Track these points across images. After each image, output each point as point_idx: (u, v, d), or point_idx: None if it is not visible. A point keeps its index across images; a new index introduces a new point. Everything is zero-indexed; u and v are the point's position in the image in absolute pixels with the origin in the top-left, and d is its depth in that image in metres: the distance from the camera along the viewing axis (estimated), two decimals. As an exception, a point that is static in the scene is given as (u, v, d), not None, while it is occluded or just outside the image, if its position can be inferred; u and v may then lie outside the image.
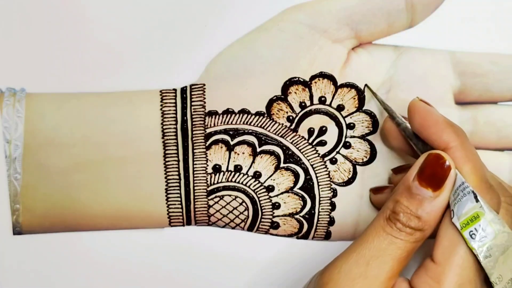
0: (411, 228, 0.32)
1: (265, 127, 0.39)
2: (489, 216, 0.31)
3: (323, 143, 0.40)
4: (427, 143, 0.34)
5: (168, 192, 0.39)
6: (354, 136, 0.40)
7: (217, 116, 0.39)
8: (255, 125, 0.39)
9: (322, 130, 0.40)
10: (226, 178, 0.39)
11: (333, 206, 0.40)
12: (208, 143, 0.39)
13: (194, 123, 0.39)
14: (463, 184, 0.32)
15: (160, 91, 0.39)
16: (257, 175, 0.40)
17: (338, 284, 0.32)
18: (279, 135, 0.39)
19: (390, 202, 0.33)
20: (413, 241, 0.32)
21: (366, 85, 0.39)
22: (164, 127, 0.39)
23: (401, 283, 0.32)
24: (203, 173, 0.39)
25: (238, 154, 0.39)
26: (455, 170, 0.32)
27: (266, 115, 0.39)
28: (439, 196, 0.32)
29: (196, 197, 0.39)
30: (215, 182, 0.39)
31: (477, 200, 0.31)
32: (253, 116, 0.39)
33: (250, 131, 0.39)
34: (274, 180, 0.40)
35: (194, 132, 0.39)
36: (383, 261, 0.31)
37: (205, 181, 0.39)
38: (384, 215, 0.32)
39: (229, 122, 0.39)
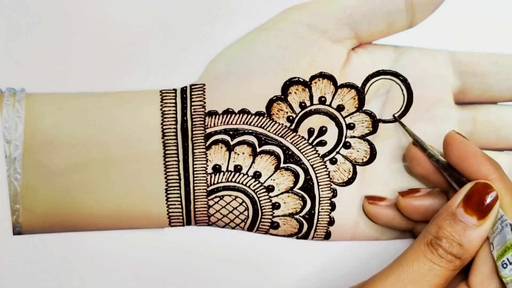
0: (452, 255, 0.32)
1: (265, 127, 0.39)
2: None
3: (323, 143, 0.40)
4: (463, 175, 0.34)
5: (168, 192, 0.39)
6: (354, 136, 0.40)
7: (217, 116, 0.39)
8: (255, 125, 0.39)
9: (322, 130, 0.40)
10: (226, 178, 0.39)
11: (333, 206, 0.40)
12: (208, 143, 0.39)
13: (194, 123, 0.39)
14: (502, 217, 0.32)
15: (160, 91, 0.39)
16: (257, 175, 0.40)
17: None
18: (279, 135, 0.39)
19: (432, 227, 0.33)
20: (451, 269, 0.32)
21: (396, 118, 0.39)
22: (164, 127, 0.39)
23: None
24: (203, 173, 0.39)
25: (238, 154, 0.39)
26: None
27: (266, 115, 0.39)
28: (482, 225, 0.32)
29: (196, 197, 0.39)
30: (215, 182, 0.39)
31: None
32: (253, 116, 0.39)
33: (250, 131, 0.39)
34: (274, 180, 0.40)
35: (194, 132, 0.39)
36: (421, 287, 0.32)
37: (205, 181, 0.39)
38: (425, 240, 0.33)
39: (229, 122, 0.39)
